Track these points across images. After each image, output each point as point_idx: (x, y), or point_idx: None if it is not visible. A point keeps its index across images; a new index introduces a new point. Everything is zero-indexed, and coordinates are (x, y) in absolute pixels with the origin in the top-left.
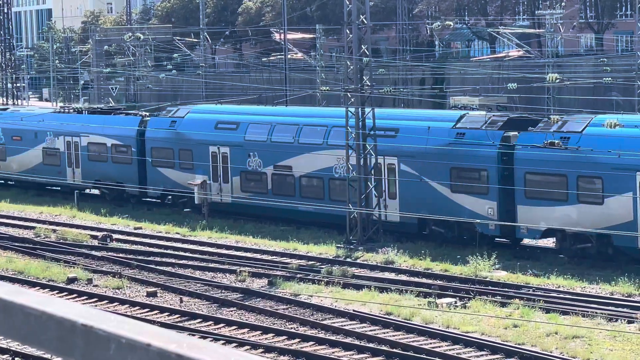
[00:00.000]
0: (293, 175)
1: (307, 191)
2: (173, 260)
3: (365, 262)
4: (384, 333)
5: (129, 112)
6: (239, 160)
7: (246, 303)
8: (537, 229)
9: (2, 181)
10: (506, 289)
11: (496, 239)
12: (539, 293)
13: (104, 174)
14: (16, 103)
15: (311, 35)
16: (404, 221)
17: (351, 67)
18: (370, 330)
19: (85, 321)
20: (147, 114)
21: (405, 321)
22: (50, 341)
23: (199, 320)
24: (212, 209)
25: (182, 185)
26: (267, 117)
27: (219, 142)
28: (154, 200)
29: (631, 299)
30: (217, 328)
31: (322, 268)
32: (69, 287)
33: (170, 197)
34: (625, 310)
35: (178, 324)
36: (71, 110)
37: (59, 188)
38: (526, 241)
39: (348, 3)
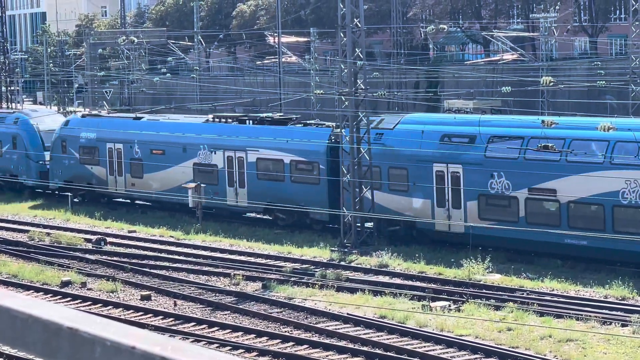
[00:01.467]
0: (558, 200)
1: (578, 221)
2: (167, 264)
3: (359, 266)
4: (378, 336)
5: (316, 123)
6: (476, 182)
7: (240, 306)
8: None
9: (140, 202)
10: (500, 292)
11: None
12: (533, 296)
13: (279, 195)
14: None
15: (305, 39)
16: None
17: (345, 71)
18: (364, 334)
19: (70, 324)
20: (333, 125)
21: (399, 324)
22: (35, 344)
23: (192, 323)
24: (437, 239)
25: (394, 210)
26: (515, 130)
27: (447, 159)
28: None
29: (625, 302)
30: (211, 331)
31: (316, 271)
32: (62, 290)
33: (378, 224)
34: (619, 313)
35: (172, 327)
36: (230, 120)
37: (213, 210)
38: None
39: (342, 6)
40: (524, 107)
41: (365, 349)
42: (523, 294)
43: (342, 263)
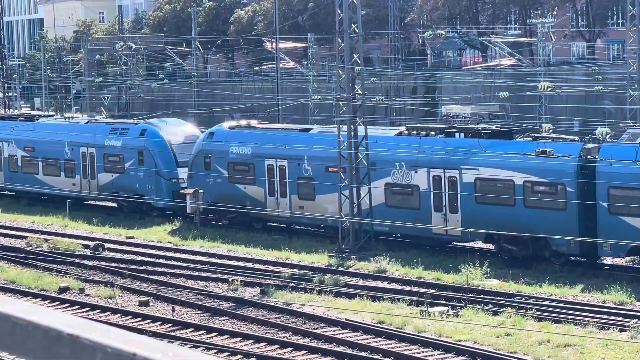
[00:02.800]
0: None
1: None
2: (165, 270)
3: (357, 271)
4: (376, 342)
5: (552, 137)
6: None
7: (238, 312)
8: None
9: (310, 229)
10: (498, 298)
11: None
12: (531, 301)
13: (507, 222)
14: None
15: (303, 44)
16: None
17: (343, 76)
18: (363, 339)
19: (71, 330)
20: (587, 139)
21: (398, 330)
22: (36, 351)
23: (191, 329)
24: None
25: None
26: None
27: None
28: (606, 264)
29: (623, 307)
30: (209, 337)
31: (315, 277)
32: (61, 296)
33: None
34: (617, 318)
35: (170, 333)
36: (433, 133)
37: (410, 240)
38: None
39: (340, 12)
40: (521, 113)
41: (363, 354)
42: (521, 299)
43: (341, 269)
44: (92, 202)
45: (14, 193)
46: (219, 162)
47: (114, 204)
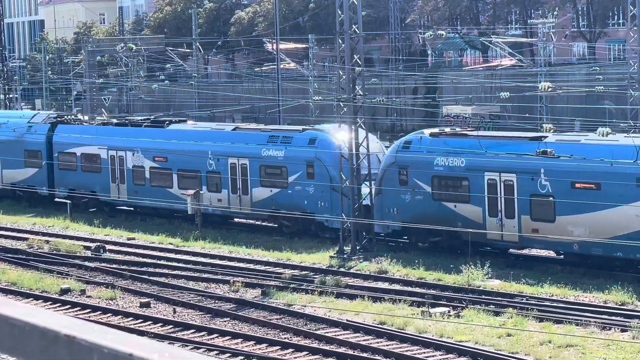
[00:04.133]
0: None
1: None
2: (166, 271)
3: (358, 272)
4: (378, 343)
5: None
6: None
7: (239, 313)
8: None
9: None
10: (500, 298)
11: None
12: (533, 302)
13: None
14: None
15: (304, 45)
16: None
17: (344, 77)
18: (364, 340)
19: (68, 332)
20: None
21: (399, 331)
22: (34, 352)
23: (192, 330)
24: None
25: None
26: None
27: None
28: None
29: (625, 307)
30: (211, 338)
31: (316, 278)
32: (62, 298)
33: None
34: (618, 318)
35: (171, 335)
36: None
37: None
38: None
39: (340, 13)
40: (522, 113)
41: (365, 355)
42: (522, 299)
43: (342, 269)
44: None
45: (133, 208)
46: (419, 175)
47: (271, 223)
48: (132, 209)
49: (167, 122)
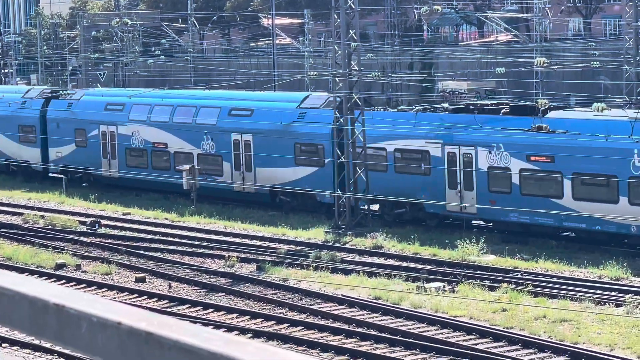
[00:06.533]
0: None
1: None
2: (162, 246)
3: (353, 247)
4: (373, 317)
5: None
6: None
7: (235, 288)
8: None
9: None
10: (494, 273)
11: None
12: (528, 277)
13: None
14: None
15: (299, 21)
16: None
17: (339, 52)
18: (359, 315)
19: (57, 300)
20: None
21: (394, 306)
22: (22, 321)
23: (187, 305)
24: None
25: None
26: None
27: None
28: None
29: (619, 282)
30: (206, 313)
31: (311, 253)
32: (57, 273)
33: None
34: (613, 293)
35: (167, 310)
36: None
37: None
38: None
39: None
40: (518, 88)
41: (360, 330)
42: (517, 274)
43: (337, 245)
44: None
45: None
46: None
47: None
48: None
49: (543, 108)
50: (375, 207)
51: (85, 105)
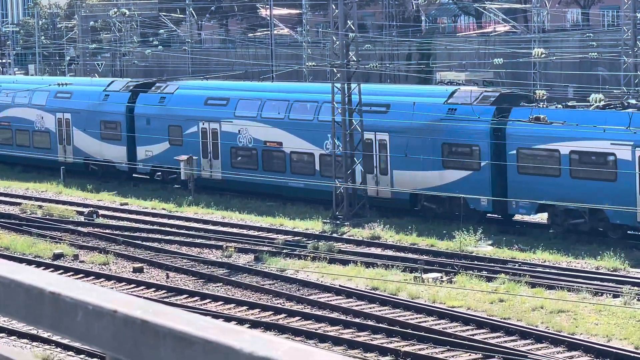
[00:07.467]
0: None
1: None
2: (159, 236)
3: (351, 238)
4: (370, 308)
5: None
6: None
7: (232, 278)
8: None
9: None
10: (492, 264)
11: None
12: (525, 268)
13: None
14: None
15: (297, 11)
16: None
17: (337, 43)
18: (357, 306)
19: (53, 289)
20: None
21: (392, 296)
22: (19, 309)
23: (185, 295)
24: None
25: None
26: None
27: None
28: None
29: (616, 273)
30: (204, 303)
31: (309, 243)
32: (55, 263)
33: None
34: (610, 284)
35: (164, 300)
36: None
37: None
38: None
39: None
40: (516, 79)
41: (357, 320)
42: (515, 265)
43: (335, 235)
44: None
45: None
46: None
47: None
48: None
49: None
50: (540, 216)
51: (180, 99)
